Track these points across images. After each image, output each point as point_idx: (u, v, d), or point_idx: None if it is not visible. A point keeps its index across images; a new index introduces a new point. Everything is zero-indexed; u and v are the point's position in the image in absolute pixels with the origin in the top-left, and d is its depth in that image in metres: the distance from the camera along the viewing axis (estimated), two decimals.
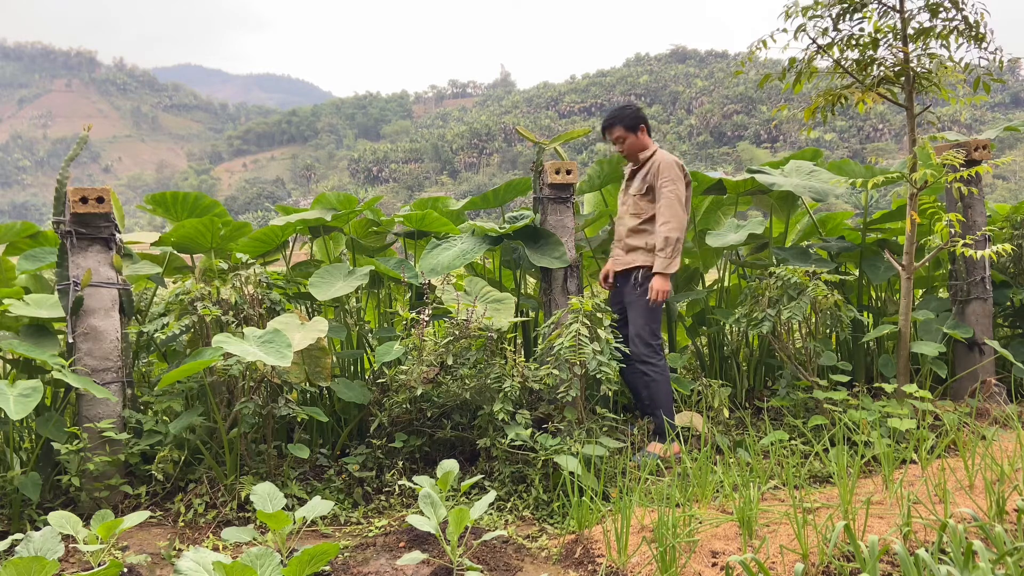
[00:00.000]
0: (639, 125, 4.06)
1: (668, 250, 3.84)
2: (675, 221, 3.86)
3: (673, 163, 3.95)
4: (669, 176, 3.91)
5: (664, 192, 3.89)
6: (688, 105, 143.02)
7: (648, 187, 3.96)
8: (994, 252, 3.91)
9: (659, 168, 3.94)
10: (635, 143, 4.06)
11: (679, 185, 3.92)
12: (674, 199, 3.87)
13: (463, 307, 3.76)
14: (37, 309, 3.58)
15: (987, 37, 3.84)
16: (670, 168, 3.93)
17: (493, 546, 2.87)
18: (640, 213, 4.00)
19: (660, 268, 3.84)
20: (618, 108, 4.16)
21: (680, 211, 3.88)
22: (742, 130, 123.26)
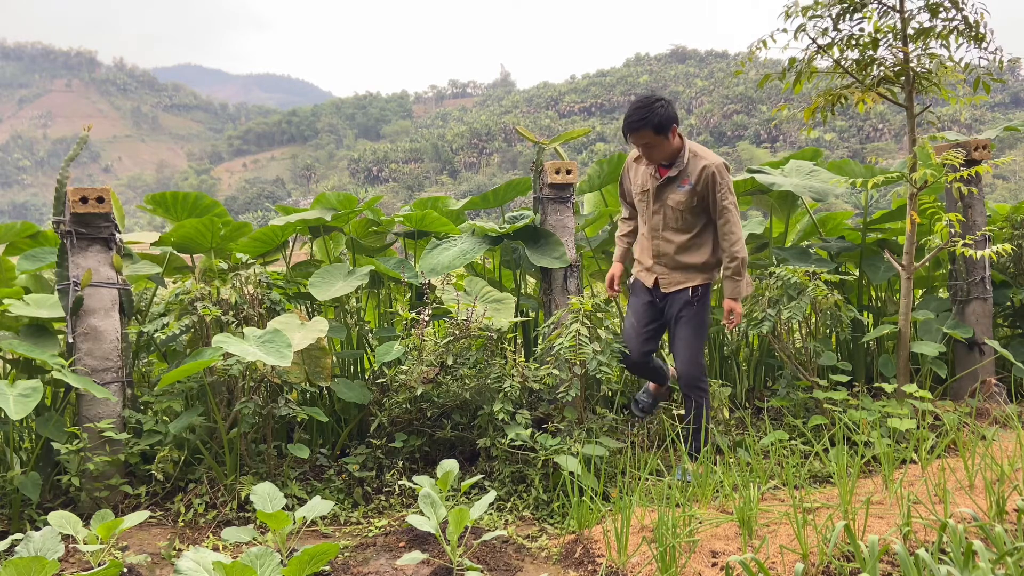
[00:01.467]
0: (671, 125, 3.39)
1: (743, 271, 3.49)
2: (742, 238, 3.48)
3: (725, 168, 3.46)
4: (727, 185, 3.43)
5: (726, 206, 3.43)
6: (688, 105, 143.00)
7: (699, 199, 3.46)
8: (994, 252, 3.92)
9: (714, 178, 3.41)
10: (666, 147, 3.44)
11: (734, 195, 3.48)
12: (735, 212, 3.45)
13: (463, 307, 3.76)
14: (37, 309, 3.58)
15: (987, 37, 3.84)
16: (725, 175, 3.44)
17: (493, 546, 2.87)
18: (690, 228, 3.51)
19: (736, 294, 3.49)
20: (642, 104, 3.41)
21: (740, 225, 3.49)
22: (742, 130, 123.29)
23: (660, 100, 3.40)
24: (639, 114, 3.36)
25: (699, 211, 3.48)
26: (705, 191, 3.43)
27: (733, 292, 3.48)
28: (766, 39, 3.90)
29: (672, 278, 3.57)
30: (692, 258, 3.53)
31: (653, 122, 3.34)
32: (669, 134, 3.39)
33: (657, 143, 3.40)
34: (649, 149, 3.44)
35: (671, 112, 3.38)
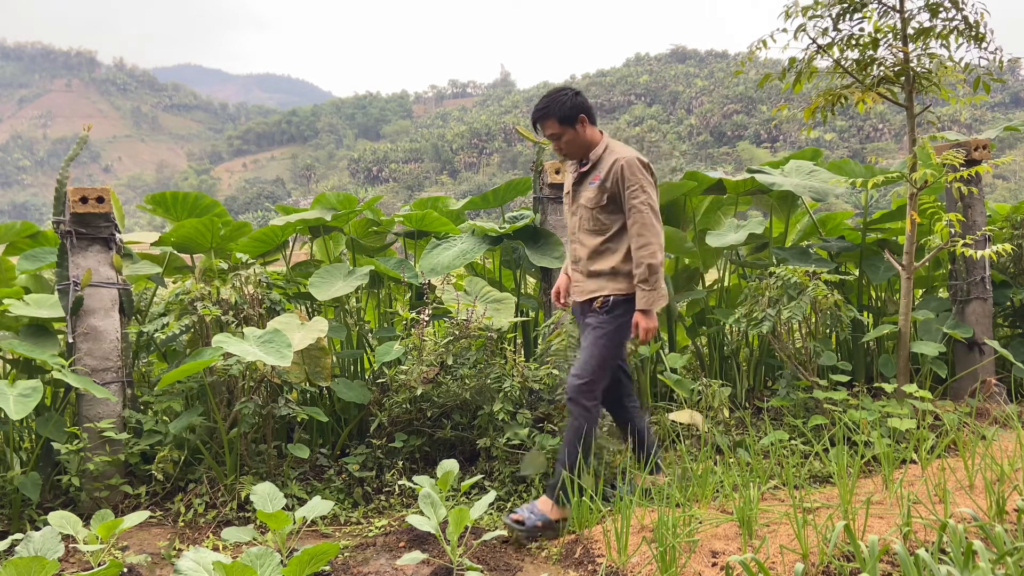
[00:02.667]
0: (578, 116, 3.14)
1: (653, 280, 3.01)
2: (656, 241, 3.03)
3: (638, 163, 3.07)
4: (637, 182, 3.03)
5: (636, 205, 3.03)
6: (688, 105, 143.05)
7: (610, 196, 3.10)
8: (994, 252, 3.92)
9: (623, 172, 3.05)
10: (575, 139, 3.17)
11: (651, 192, 3.07)
12: (649, 213, 3.03)
13: (463, 307, 3.76)
14: (37, 309, 3.58)
15: (987, 37, 3.84)
16: (637, 171, 3.05)
17: (493, 546, 2.87)
18: (602, 229, 3.14)
19: (645, 304, 3.02)
20: (549, 93, 3.22)
21: (658, 227, 3.06)
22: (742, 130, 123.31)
23: (568, 90, 3.19)
24: (543, 103, 3.18)
25: (612, 211, 3.12)
26: (616, 188, 3.08)
27: (641, 303, 3.03)
28: (766, 39, 3.90)
29: (584, 286, 3.19)
30: (602, 264, 3.13)
31: (556, 112, 3.13)
32: (577, 125, 3.14)
33: (563, 134, 3.16)
34: (557, 142, 3.20)
35: (579, 103, 3.15)
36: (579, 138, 3.16)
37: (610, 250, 3.13)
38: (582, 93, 3.21)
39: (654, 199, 3.07)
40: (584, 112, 3.15)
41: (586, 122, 3.16)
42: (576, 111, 3.13)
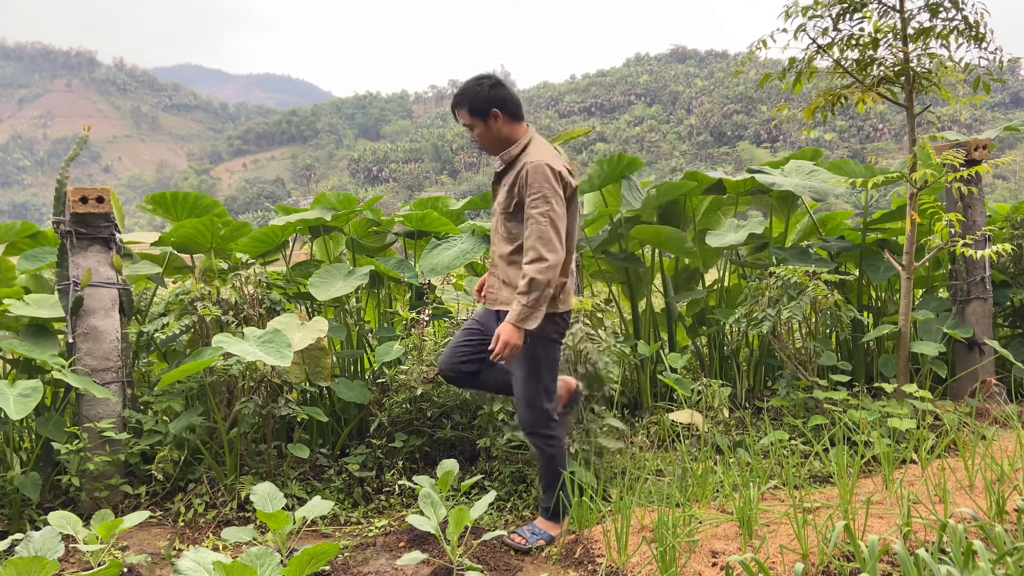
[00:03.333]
0: (489, 109, 2.86)
1: (532, 297, 2.72)
2: (551, 258, 2.72)
3: (546, 169, 2.76)
4: (540, 191, 2.74)
5: (534, 215, 2.74)
6: (688, 105, 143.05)
7: (517, 203, 2.84)
8: (994, 252, 3.92)
9: (527, 177, 2.76)
10: (486, 134, 2.90)
11: (555, 203, 2.74)
12: (547, 225, 2.73)
13: (463, 307, 3.76)
14: (37, 309, 3.58)
15: (987, 37, 3.85)
16: (543, 178, 2.75)
17: (493, 546, 2.87)
18: (512, 237, 2.89)
19: (515, 319, 2.73)
20: (468, 81, 2.95)
21: (556, 242, 2.73)
22: (742, 130, 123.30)
23: (487, 79, 2.92)
24: (460, 89, 2.94)
25: (521, 219, 2.85)
26: (521, 194, 2.81)
27: (512, 315, 2.75)
28: (766, 39, 3.91)
29: (499, 295, 2.96)
30: (514, 274, 2.89)
31: (466, 101, 2.88)
32: (488, 119, 2.87)
33: (475, 126, 2.90)
34: (472, 133, 2.96)
35: (493, 95, 2.86)
36: (490, 133, 2.90)
37: (519, 262, 2.85)
38: (503, 84, 2.92)
39: (557, 212, 2.75)
40: (498, 106, 2.86)
41: (500, 117, 2.87)
42: (488, 104, 2.85)
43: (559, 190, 2.78)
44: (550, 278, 2.73)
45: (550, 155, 2.85)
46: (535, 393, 2.89)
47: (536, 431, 2.92)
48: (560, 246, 2.76)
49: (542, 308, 2.76)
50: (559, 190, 2.78)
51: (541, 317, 2.77)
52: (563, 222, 2.78)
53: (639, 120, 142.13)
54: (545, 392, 2.91)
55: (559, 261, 2.75)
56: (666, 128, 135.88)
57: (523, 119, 2.95)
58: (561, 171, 2.81)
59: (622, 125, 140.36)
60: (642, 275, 4.95)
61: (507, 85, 2.93)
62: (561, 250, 2.76)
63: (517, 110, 2.91)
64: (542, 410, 2.90)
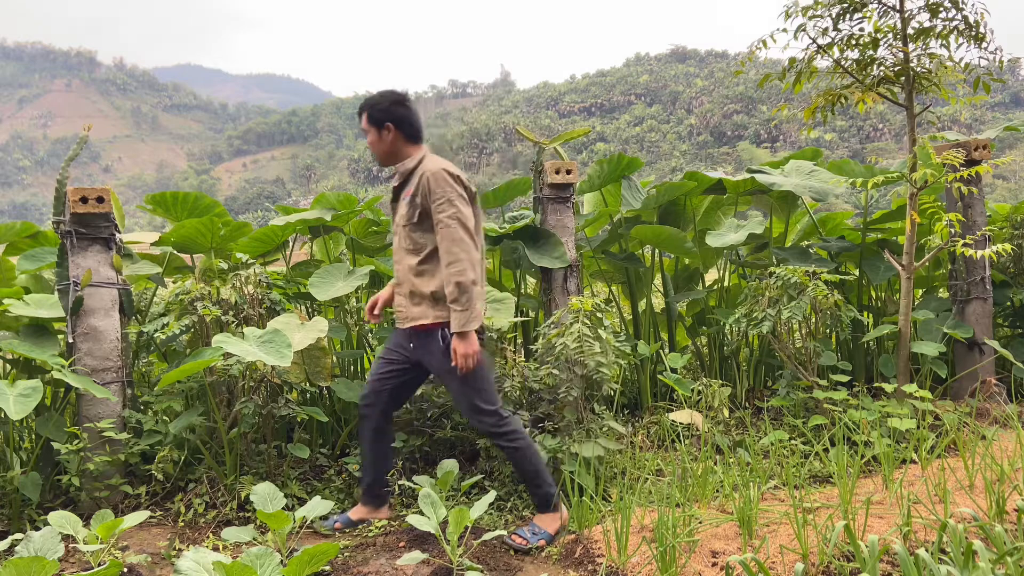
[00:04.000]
0: (384, 122, 2.99)
1: (464, 299, 2.79)
2: (466, 257, 2.81)
3: (445, 174, 2.87)
4: (444, 194, 2.84)
5: (442, 219, 2.83)
6: (688, 105, 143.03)
7: (421, 212, 2.92)
8: (994, 252, 3.92)
9: (429, 184, 2.86)
10: (377, 143, 3.04)
11: (460, 204, 2.85)
12: (457, 227, 2.82)
13: None
14: (37, 309, 3.58)
15: (987, 37, 3.85)
16: (445, 183, 2.85)
17: (493, 546, 2.87)
18: (418, 248, 2.96)
19: (459, 326, 2.80)
20: (379, 92, 3.13)
21: (469, 242, 2.83)
22: (742, 130, 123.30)
23: (396, 96, 3.06)
24: (368, 97, 3.09)
25: (426, 228, 2.93)
26: (425, 203, 2.90)
27: (455, 324, 2.82)
28: (766, 39, 3.91)
29: (408, 312, 3.00)
30: (423, 286, 2.94)
31: (368, 108, 3.03)
32: (382, 131, 3.00)
33: (369, 134, 3.04)
34: (366, 138, 3.08)
35: (393, 111, 3.00)
36: (381, 144, 3.03)
37: (428, 272, 2.94)
38: (408, 105, 3.05)
39: (464, 213, 2.86)
40: (393, 122, 2.99)
41: (393, 131, 3.00)
42: (385, 116, 2.99)
43: (461, 192, 2.89)
44: (473, 277, 2.83)
45: (447, 163, 2.96)
46: (474, 399, 2.94)
47: (493, 432, 2.98)
48: (472, 245, 2.86)
49: (478, 306, 2.86)
50: (461, 192, 2.89)
51: (480, 316, 2.86)
52: (472, 222, 2.88)
53: (639, 120, 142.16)
54: (484, 394, 2.95)
55: (475, 259, 2.86)
56: (666, 128, 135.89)
57: (421, 142, 3.07)
58: (460, 175, 2.93)
59: (622, 125, 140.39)
60: (642, 275, 4.95)
61: (412, 108, 3.06)
62: (474, 248, 2.86)
63: (413, 132, 3.03)
64: (488, 412, 2.95)
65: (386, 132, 3.01)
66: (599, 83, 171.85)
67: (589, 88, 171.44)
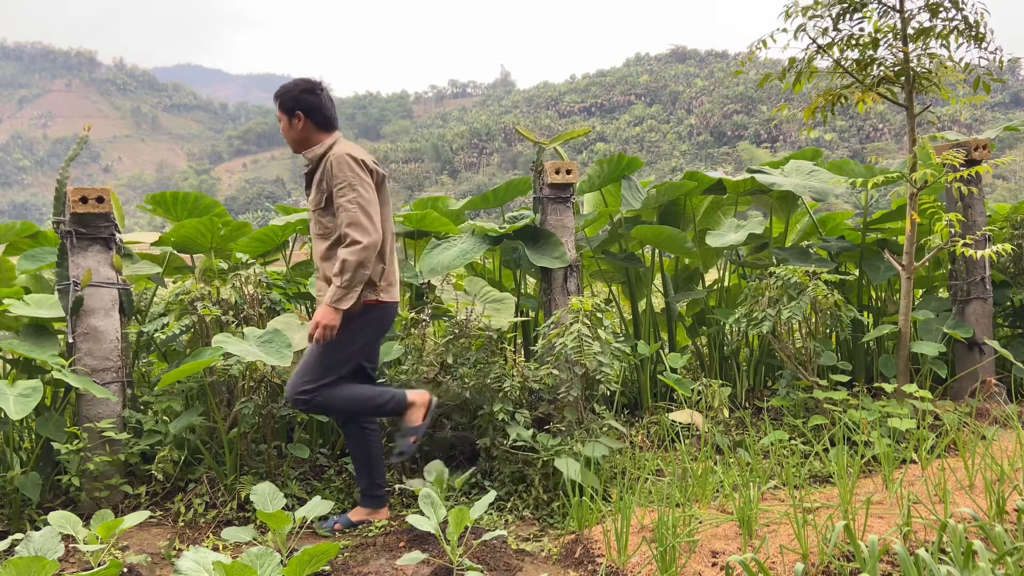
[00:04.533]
0: (294, 110, 3.05)
1: (346, 277, 2.88)
2: (364, 240, 2.88)
3: (348, 159, 2.94)
4: (345, 179, 2.92)
5: (342, 203, 2.91)
6: (688, 105, 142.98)
7: (327, 197, 2.98)
8: (994, 252, 3.92)
9: (332, 168, 2.94)
10: (288, 130, 3.09)
11: (362, 189, 2.92)
12: (357, 210, 2.89)
13: (463, 307, 3.76)
14: (37, 309, 3.58)
15: (987, 37, 3.84)
16: (346, 167, 2.93)
17: (493, 546, 2.87)
18: (327, 233, 3.03)
19: (331, 299, 2.90)
20: (293, 80, 3.18)
21: (368, 226, 2.89)
22: (742, 130, 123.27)
23: (307, 84, 3.11)
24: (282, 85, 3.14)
25: (333, 213, 2.99)
26: (329, 187, 2.97)
27: (328, 296, 2.92)
28: (766, 39, 3.91)
29: (322, 295, 3.06)
30: (330, 270, 2.99)
31: (282, 96, 3.09)
32: (293, 119, 3.06)
33: (282, 120, 3.11)
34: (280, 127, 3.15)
35: (303, 99, 3.05)
36: (292, 131, 3.09)
37: (335, 256, 2.98)
38: (319, 93, 3.09)
39: (365, 197, 2.92)
40: (303, 110, 3.05)
41: (303, 119, 3.05)
42: (295, 104, 3.05)
43: (365, 177, 2.96)
44: (363, 259, 2.88)
45: (354, 148, 3.01)
46: (311, 375, 2.99)
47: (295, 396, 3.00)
48: (373, 229, 2.91)
49: (357, 289, 2.92)
50: (365, 177, 2.96)
51: (355, 298, 2.92)
52: (374, 207, 2.94)
53: (639, 120, 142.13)
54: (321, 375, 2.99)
55: (373, 243, 2.91)
56: (666, 128, 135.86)
57: (333, 129, 3.12)
58: (365, 159, 2.99)
59: (622, 125, 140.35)
60: (642, 275, 4.95)
61: (322, 96, 3.09)
62: (375, 232, 2.91)
63: (324, 120, 3.08)
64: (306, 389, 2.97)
65: (296, 120, 3.07)
66: (599, 83, 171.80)
67: (589, 88, 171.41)
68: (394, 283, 3.13)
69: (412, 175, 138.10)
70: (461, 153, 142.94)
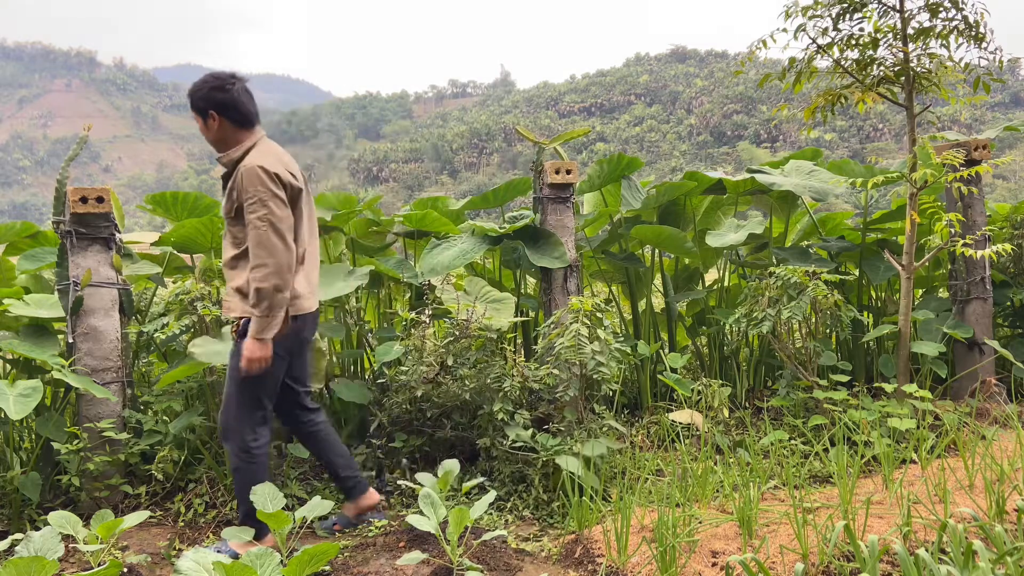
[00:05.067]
0: (207, 109, 2.85)
1: (264, 306, 2.71)
2: (271, 262, 2.69)
3: (259, 171, 2.72)
4: (255, 195, 2.70)
5: (252, 220, 2.70)
6: (688, 105, 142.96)
7: (237, 208, 2.80)
8: (994, 252, 3.92)
9: (242, 182, 2.73)
10: (205, 132, 2.90)
11: (273, 205, 2.71)
12: (267, 230, 2.69)
13: (463, 307, 3.76)
14: (37, 309, 3.58)
15: (987, 37, 3.84)
16: (257, 181, 2.70)
17: (493, 546, 2.87)
18: (236, 242, 2.86)
19: (254, 332, 2.73)
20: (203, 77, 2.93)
21: (279, 246, 2.71)
22: (742, 130, 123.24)
23: (216, 80, 2.87)
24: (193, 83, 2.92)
25: (244, 224, 2.80)
26: (239, 199, 2.77)
27: (252, 328, 2.74)
28: (766, 39, 3.90)
29: (230, 302, 2.90)
30: (232, 279, 2.87)
31: (192, 96, 2.88)
32: (207, 119, 2.86)
33: (198, 121, 2.91)
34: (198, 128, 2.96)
35: (212, 97, 2.84)
36: (209, 132, 2.90)
37: (240, 267, 2.85)
38: (229, 88, 2.85)
39: (277, 214, 2.72)
40: (215, 109, 2.84)
41: (218, 119, 2.85)
42: (206, 104, 2.84)
43: (277, 191, 2.73)
44: (276, 283, 2.70)
45: (268, 158, 2.78)
46: (235, 401, 2.88)
47: (228, 437, 2.91)
48: (284, 249, 2.72)
49: (279, 314, 2.74)
50: (277, 191, 2.73)
51: (279, 323, 2.75)
52: (285, 223, 2.74)
53: (639, 120, 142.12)
54: (247, 402, 2.88)
55: (283, 265, 2.72)
56: (666, 128, 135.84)
57: (252, 125, 2.91)
58: (279, 172, 2.76)
59: (622, 125, 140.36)
60: (642, 275, 4.95)
61: (234, 91, 2.86)
62: (284, 253, 2.72)
63: (240, 117, 2.86)
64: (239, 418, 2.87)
65: (211, 120, 2.86)
66: (599, 83, 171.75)
67: (589, 88, 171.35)
68: (306, 295, 2.92)
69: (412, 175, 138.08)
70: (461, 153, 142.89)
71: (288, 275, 2.74)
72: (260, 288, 2.70)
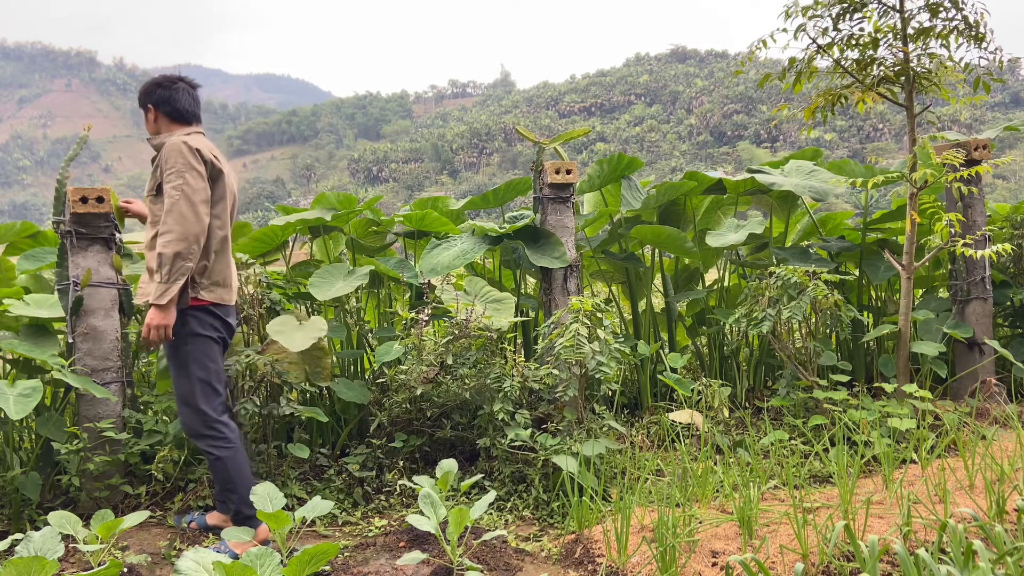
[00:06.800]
0: (147, 103, 3.06)
1: (164, 271, 2.73)
2: (178, 230, 2.74)
3: (181, 145, 2.83)
4: (174, 166, 2.80)
5: (168, 190, 2.79)
6: (688, 105, 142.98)
7: (159, 185, 2.89)
8: (994, 252, 3.92)
9: (165, 155, 2.84)
10: (148, 125, 3.09)
11: (189, 177, 2.79)
12: (181, 200, 2.76)
13: (463, 307, 3.76)
14: (37, 309, 3.58)
15: (987, 37, 3.85)
16: (178, 153, 2.81)
17: (493, 546, 2.87)
18: (155, 220, 2.91)
19: (154, 296, 2.75)
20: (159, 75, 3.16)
21: (191, 216, 2.76)
22: (742, 130, 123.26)
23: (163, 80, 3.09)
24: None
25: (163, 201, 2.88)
26: (162, 176, 2.86)
27: (153, 294, 2.77)
28: (766, 39, 3.91)
29: (146, 287, 2.90)
30: (151, 260, 2.88)
31: (140, 91, 3.11)
32: (147, 113, 3.07)
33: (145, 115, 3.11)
34: None
35: (156, 93, 3.04)
36: (148, 125, 3.08)
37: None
38: (172, 87, 3.06)
39: (192, 185, 2.79)
40: (154, 104, 3.04)
41: (155, 112, 3.04)
42: (146, 98, 3.06)
43: (196, 165, 2.83)
44: (180, 250, 2.74)
45: (193, 138, 2.91)
46: (188, 392, 2.90)
47: (196, 434, 2.92)
48: (195, 219, 2.77)
49: (177, 283, 2.76)
50: (196, 165, 2.83)
51: (175, 293, 2.76)
52: (201, 196, 2.80)
53: (639, 120, 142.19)
54: (200, 392, 2.90)
55: (192, 234, 2.76)
56: (666, 128, 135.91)
57: (188, 123, 3.06)
58: (200, 149, 2.86)
59: (622, 125, 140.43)
60: (642, 275, 4.95)
61: (175, 90, 3.05)
62: (195, 223, 2.77)
63: (174, 112, 3.03)
64: (198, 411, 2.89)
65: (150, 114, 3.06)
66: (599, 83, 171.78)
67: (589, 88, 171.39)
68: (223, 284, 2.96)
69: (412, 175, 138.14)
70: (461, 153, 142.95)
71: (195, 246, 2.78)
72: (163, 253, 2.75)
